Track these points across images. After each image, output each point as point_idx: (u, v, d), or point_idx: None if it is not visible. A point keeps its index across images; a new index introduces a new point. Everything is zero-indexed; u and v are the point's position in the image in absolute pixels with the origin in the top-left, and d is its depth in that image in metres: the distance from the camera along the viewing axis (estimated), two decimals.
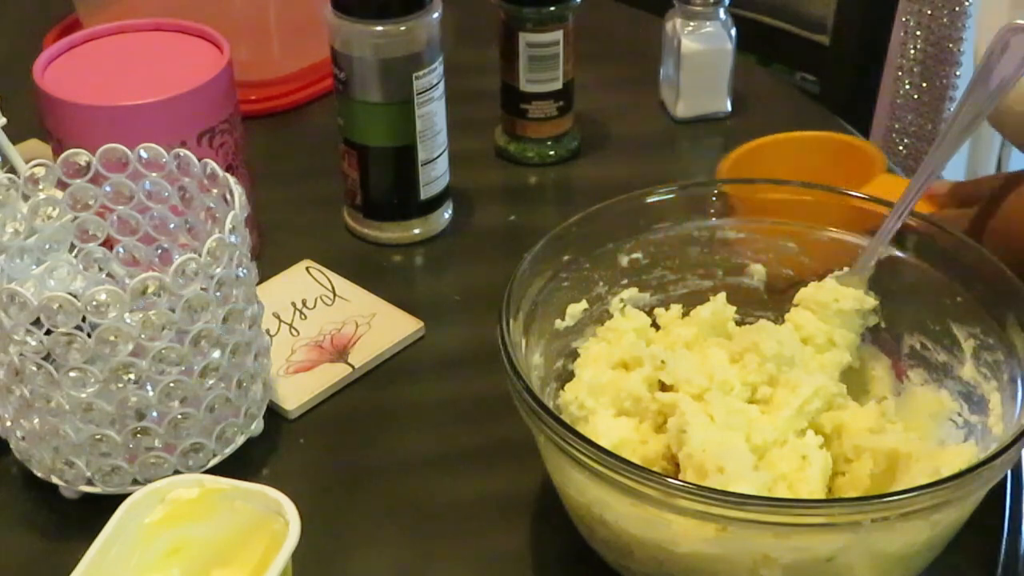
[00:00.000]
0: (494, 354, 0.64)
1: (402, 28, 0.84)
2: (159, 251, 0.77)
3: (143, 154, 0.73)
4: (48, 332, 0.65)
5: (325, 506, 0.72)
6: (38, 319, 0.64)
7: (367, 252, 0.91)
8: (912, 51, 1.58)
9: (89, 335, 0.65)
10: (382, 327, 0.83)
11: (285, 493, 0.62)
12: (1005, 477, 0.61)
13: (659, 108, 1.06)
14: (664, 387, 0.69)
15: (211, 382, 0.69)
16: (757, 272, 0.75)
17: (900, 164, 1.59)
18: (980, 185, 0.81)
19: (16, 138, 0.85)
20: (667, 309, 0.74)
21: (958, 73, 1.58)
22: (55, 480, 0.70)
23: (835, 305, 0.71)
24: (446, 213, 0.93)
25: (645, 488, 0.58)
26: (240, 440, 0.73)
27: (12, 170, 0.79)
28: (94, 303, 0.64)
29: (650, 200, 0.74)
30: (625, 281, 0.74)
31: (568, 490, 0.64)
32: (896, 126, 1.63)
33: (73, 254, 0.75)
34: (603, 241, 0.73)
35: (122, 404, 0.67)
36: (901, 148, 1.63)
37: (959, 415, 0.68)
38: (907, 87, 1.60)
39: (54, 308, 0.64)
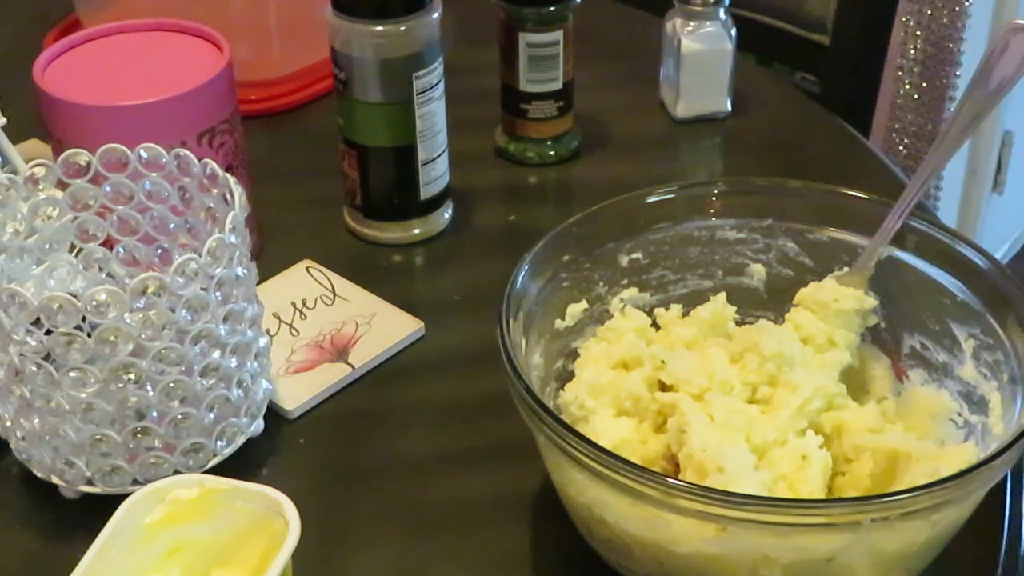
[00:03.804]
0: (494, 354, 0.64)
1: (402, 28, 0.84)
2: (159, 251, 0.77)
3: (143, 154, 0.73)
4: (48, 332, 0.65)
5: (325, 506, 0.72)
6: (38, 319, 0.64)
7: (367, 252, 0.91)
8: (912, 51, 1.58)
9: (89, 335, 0.65)
10: (382, 327, 0.83)
11: (285, 493, 0.62)
12: (1005, 477, 0.61)
13: (659, 108, 1.06)
14: (664, 387, 0.69)
15: (211, 382, 0.69)
16: (757, 272, 0.75)
17: (900, 164, 1.59)
18: None
19: (16, 138, 0.85)
20: (667, 309, 0.74)
21: (958, 73, 1.58)
22: (55, 480, 0.70)
23: (835, 305, 0.71)
24: (446, 213, 0.93)
25: (645, 488, 0.58)
26: (240, 440, 0.73)
27: (12, 170, 0.79)
28: (94, 303, 0.64)
29: (650, 200, 0.74)
30: (625, 281, 0.74)
31: (568, 490, 0.64)
32: (896, 126, 1.63)
33: (73, 254, 0.75)
34: (603, 241, 0.73)
35: (122, 404, 0.67)
36: (901, 148, 1.63)
37: (959, 415, 0.68)
38: (907, 87, 1.60)
39: (54, 308, 0.64)
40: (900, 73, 1.60)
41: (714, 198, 0.75)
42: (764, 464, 0.64)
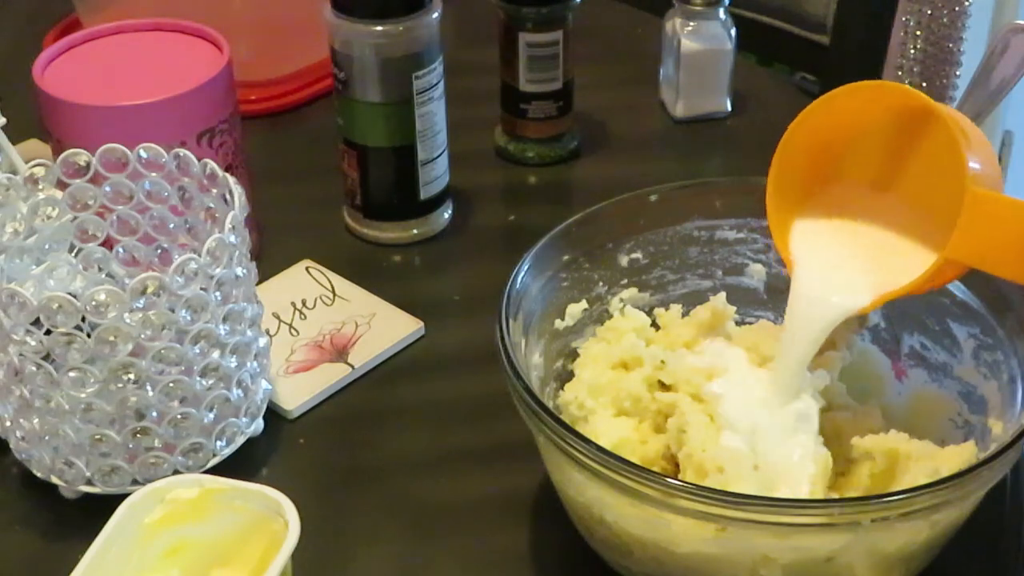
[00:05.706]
0: (494, 354, 0.64)
1: (402, 28, 0.84)
2: (159, 251, 0.77)
3: (143, 154, 0.73)
4: (48, 332, 0.65)
5: (325, 506, 0.72)
6: (38, 319, 0.64)
7: (367, 252, 0.91)
8: (912, 51, 1.58)
9: (89, 335, 0.65)
10: (382, 327, 0.83)
11: (285, 493, 0.62)
12: (1005, 477, 0.60)
13: (659, 108, 1.06)
14: (664, 387, 0.69)
15: (211, 382, 0.69)
16: (757, 272, 0.75)
17: None
18: None
19: (16, 138, 0.85)
20: (667, 309, 0.74)
21: (958, 73, 1.58)
22: (55, 480, 0.70)
23: None
24: (446, 213, 0.93)
25: (645, 488, 0.58)
26: (240, 440, 0.73)
27: (12, 170, 0.79)
28: (94, 303, 0.64)
29: (650, 200, 0.74)
30: (625, 281, 0.74)
31: (568, 490, 0.64)
32: None
33: (73, 254, 0.75)
34: (603, 241, 0.73)
35: (122, 404, 0.67)
36: None
37: (959, 415, 0.68)
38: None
39: (54, 308, 0.64)
40: (900, 73, 1.60)
41: (714, 198, 0.75)
42: (764, 464, 0.64)
